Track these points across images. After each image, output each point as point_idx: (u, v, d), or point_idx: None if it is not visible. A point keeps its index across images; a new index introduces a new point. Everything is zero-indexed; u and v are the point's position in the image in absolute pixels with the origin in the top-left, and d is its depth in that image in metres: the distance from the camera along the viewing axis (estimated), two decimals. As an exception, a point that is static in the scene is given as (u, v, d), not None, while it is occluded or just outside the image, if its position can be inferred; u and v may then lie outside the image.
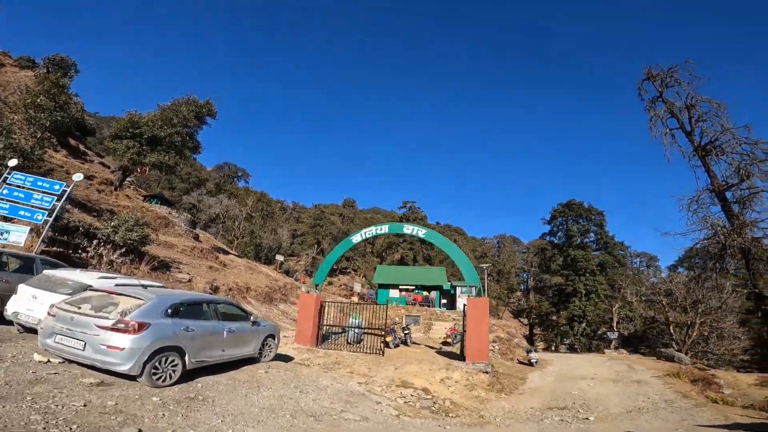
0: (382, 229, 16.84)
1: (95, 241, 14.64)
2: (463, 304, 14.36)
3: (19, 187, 12.82)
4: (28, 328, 7.32)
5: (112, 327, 5.65)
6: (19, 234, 12.22)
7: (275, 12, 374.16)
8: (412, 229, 16.30)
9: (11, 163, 13.37)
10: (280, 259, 46.57)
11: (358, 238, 16.45)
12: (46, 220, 12.55)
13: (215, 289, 20.58)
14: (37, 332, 6.23)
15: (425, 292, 34.69)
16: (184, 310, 6.77)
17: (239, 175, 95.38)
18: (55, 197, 12.97)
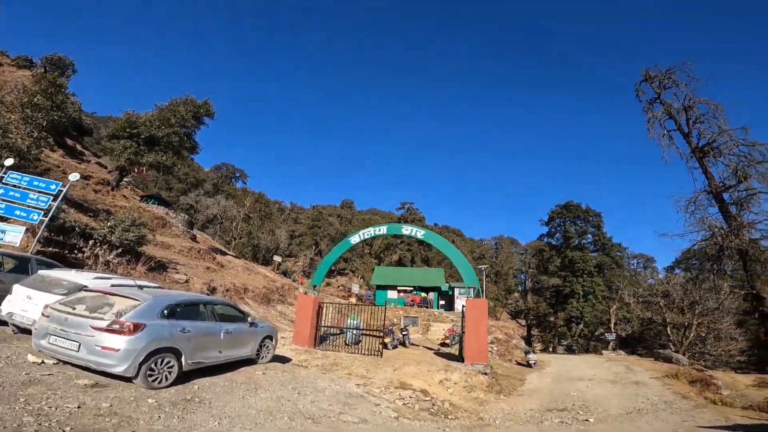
0: (381, 230, 16.75)
1: (91, 242, 14.52)
2: (462, 305, 14.31)
3: (15, 186, 12.72)
4: (23, 329, 7.26)
5: (107, 328, 5.57)
6: (14, 234, 12.12)
7: (275, 12, 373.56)
8: (410, 230, 16.23)
9: (7, 162, 13.27)
10: (277, 260, 46.47)
11: (356, 239, 16.38)
12: (42, 220, 12.46)
13: (212, 289, 20.47)
14: (31, 333, 6.15)
15: (423, 294, 34.68)
16: (181, 310, 6.70)
17: (237, 175, 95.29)
18: (51, 197, 12.87)
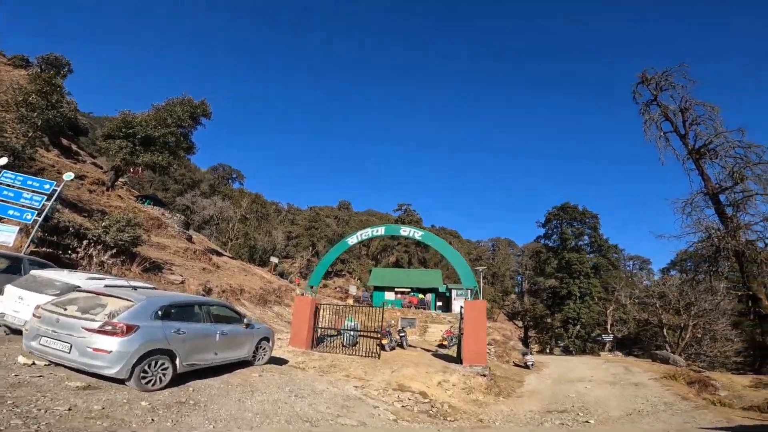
0: (379, 231, 16.65)
1: (85, 242, 14.34)
2: (460, 307, 14.22)
3: (8, 186, 12.58)
4: (15, 330, 7.14)
5: (99, 329, 5.45)
6: (7, 234, 11.98)
7: (275, 12, 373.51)
8: (408, 231, 16.14)
9: (1, 161, 13.13)
10: (274, 261, 46.32)
11: (354, 239, 16.28)
12: (36, 220, 12.32)
13: (208, 290, 20.30)
14: (22, 334, 6.02)
15: (421, 295, 34.61)
16: (175, 312, 6.59)
17: (234, 176, 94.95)
18: (45, 197, 12.74)
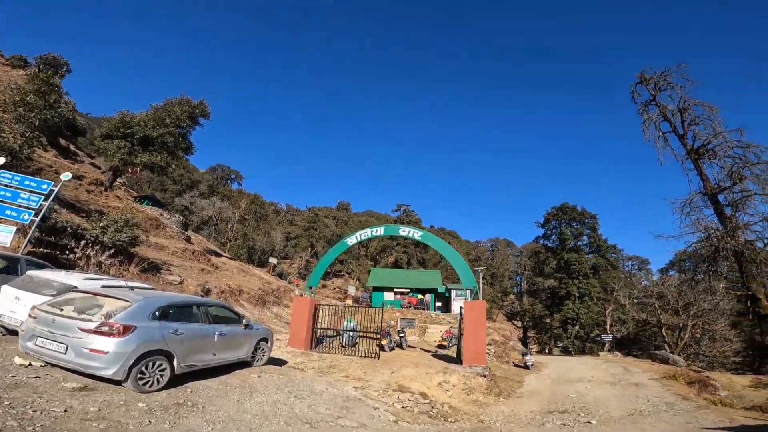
0: (378, 232, 16.59)
1: (83, 242, 14.26)
2: (460, 307, 14.18)
3: (5, 186, 12.48)
4: (11, 330, 7.06)
5: (96, 330, 5.39)
6: (4, 234, 11.88)
7: (275, 12, 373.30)
8: (408, 232, 16.08)
9: (-2, 161, 13.01)
10: (273, 261, 46.20)
11: (353, 240, 16.22)
12: (33, 220, 12.22)
13: (207, 291, 20.22)
14: (18, 335, 5.96)
15: (420, 295, 34.53)
16: (173, 312, 6.53)
17: (232, 177, 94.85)
18: (43, 197, 12.64)
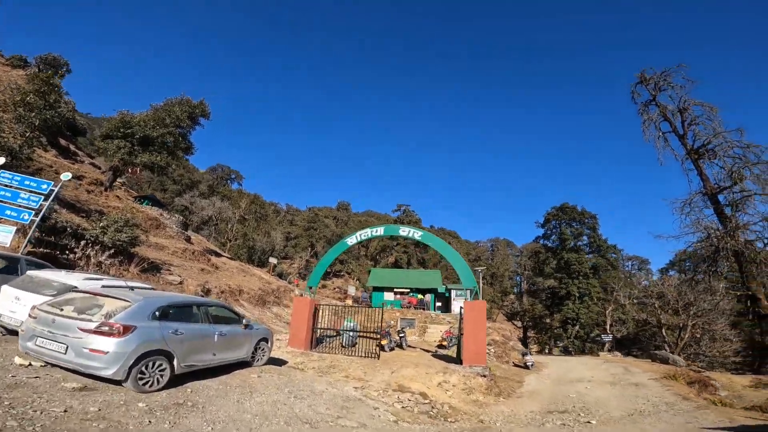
0: (378, 232, 16.58)
1: (83, 242, 14.26)
2: (460, 307, 14.17)
3: (5, 186, 12.48)
4: (11, 330, 7.06)
5: (96, 330, 5.39)
6: (4, 234, 11.88)
7: (275, 12, 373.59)
8: (408, 232, 16.07)
9: (-2, 161, 13.01)
10: (273, 261, 46.19)
11: (353, 240, 16.22)
12: (33, 220, 12.22)
13: (207, 291, 20.22)
14: (18, 335, 5.96)
15: (420, 295, 34.52)
16: (173, 312, 6.53)
17: (232, 177, 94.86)
18: (43, 197, 12.64)
